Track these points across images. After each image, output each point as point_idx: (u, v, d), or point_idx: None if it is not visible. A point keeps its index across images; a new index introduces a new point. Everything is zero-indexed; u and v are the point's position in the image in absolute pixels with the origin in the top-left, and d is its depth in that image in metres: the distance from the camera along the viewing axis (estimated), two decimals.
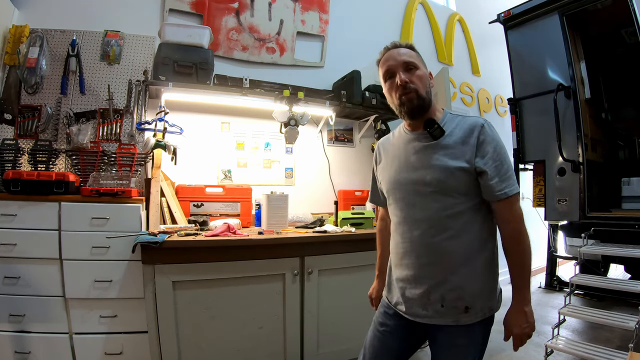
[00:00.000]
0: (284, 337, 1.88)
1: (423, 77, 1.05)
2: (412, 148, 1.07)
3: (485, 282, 1.03)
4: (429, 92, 1.06)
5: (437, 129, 1.02)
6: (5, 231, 1.68)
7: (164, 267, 1.64)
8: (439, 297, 1.00)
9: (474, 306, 1.00)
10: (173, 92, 2.17)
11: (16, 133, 2.05)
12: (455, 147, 1.00)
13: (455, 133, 1.02)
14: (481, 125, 1.01)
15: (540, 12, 3.03)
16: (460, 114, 1.09)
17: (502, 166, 0.98)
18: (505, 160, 1.00)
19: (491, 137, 1.01)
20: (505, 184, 0.98)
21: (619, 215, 2.69)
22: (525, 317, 1.01)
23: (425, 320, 1.02)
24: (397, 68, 1.04)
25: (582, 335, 2.65)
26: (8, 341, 1.69)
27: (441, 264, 1.00)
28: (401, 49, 1.07)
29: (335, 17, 3.00)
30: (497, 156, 0.99)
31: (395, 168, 1.10)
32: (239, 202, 2.34)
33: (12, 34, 2.06)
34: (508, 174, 0.98)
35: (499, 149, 1.00)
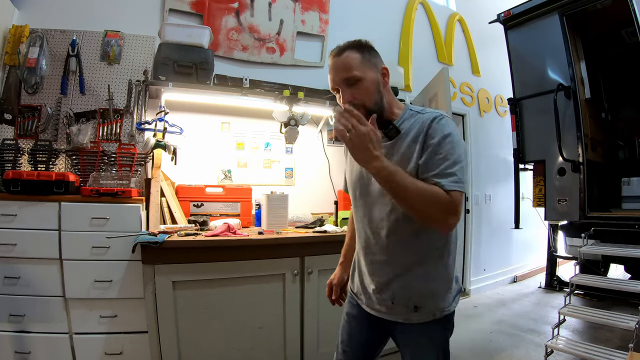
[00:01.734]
0: (284, 337, 1.88)
1: (369, 88, 0.97)
2: None
3: (438, 284, 0.99)
4: (379, 98, 0.99)
5: (392, 130, 0.97)
6: (5, 231, 1.68)
7: (164, 267, 1.64)
8: (390, 294, 1.01)
9: (424, 306, 0.98)
10: (173, 92, 2.17)
11: (16, 133, 2.05)
12: (410, 147, 0.95)
13: (410, 131, 0.97)
14: (432, 118, 0.95)
15: (540, 12, 3.03)
16: (420, 110, 1.01)
17: (446, 161, 0.88)
18: (451, 155, 0.89)
19: (440, 130, 0.92)
20: (445, 178, 0.87)
21: (619, 215, 2.69)
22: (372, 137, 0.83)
23: (380, 315, 1.05)
24: (338, 85, 0.98)
25: (582, 335, 2.65)
26: (8, 341, 1.69)
27: (393, 263, 1.00)
28: (342, 58, 0.97)
29: (335, 17, 3.00)
30: (441, 149, 0.90)
31: (355, 165, 1.06)
32: (239, 202, 2.34)
33: (12, 34, 2.06)
34: (451, 171, 0.87)
35: (447, 143, 0.90)
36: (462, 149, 0.93)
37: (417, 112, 1.01)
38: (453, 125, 0.95)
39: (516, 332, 2.78)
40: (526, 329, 2.84)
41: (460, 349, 2.47)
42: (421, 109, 1.03)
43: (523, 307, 3.39)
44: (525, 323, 2.96)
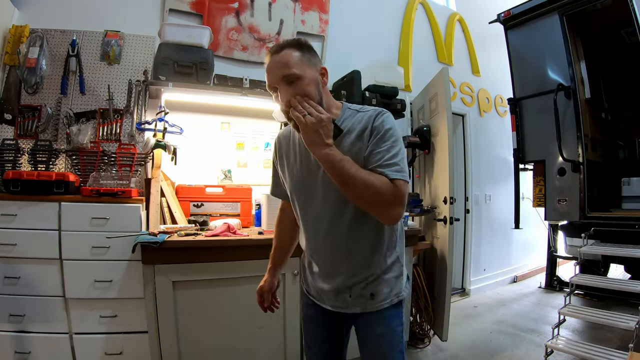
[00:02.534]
0: (284, 337, 1.88)
1: (309, 87, 0.96)
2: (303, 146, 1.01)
3: (390, 271, 1.03)
4: (319, 98, 0.98)
5: (335, 129, 0.95)
6: (5, 231, 1.68)
7: (164, 267, 1.64)
8: (347, 289, 1.03)
9: (379, 293, 1.02)
10: (173, 92, 2.17)
11: (16, 133, 2.05)
12: (354, 144, 0.96)
13: (354, 129, 0.98)
14: (376, 114, 0.98)
15: (540, 12, 3.03)
16: (359, 109, 1.03)
17: (388, 152, 0.92)
18: (393, 148, 0.93)
19: (382, 124, 0.96)
20: (388, 168, 0.91)
21: (619, 215, 2.69)
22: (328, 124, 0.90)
23: (339, 310, 1.06)
24: (277, 84, 0.96)
25: (582, 335, 2.65)
26: (8, 341, 1.69)
27: (346, 259, 1.02)
28: (281, 55, 0.96)
29: (335, 17, 3.00)
30: (384, 142, 0.94)
31: (298, 167, 1.07)
32: (239, 202, 2.34)
33: (12, 34, 2.06)
34: (394, 161, 0.92)
35: (389, 137, 0.95)
36: (402, 144, 0.98)
37: (356, 110, 1.03)
38: (394, 121, 1.00)
39: (516, 332, 2.78)
40: (526, 329, 2.84)
41: (460, 349, 2.47)
42: (359, 107, 1.05)
43: (523, 307, 3.39)
44: (525, 323, 2.96)
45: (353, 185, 0.87)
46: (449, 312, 2.36)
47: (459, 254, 3.77)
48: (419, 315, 2.57)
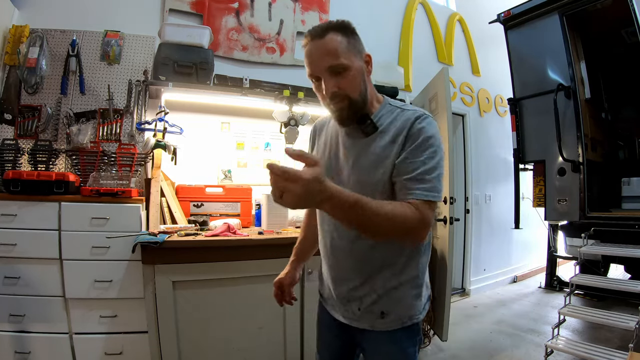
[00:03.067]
0: (284, 337, 1.88)
1: (355, 78, 0.87)
2: (342, 142, 0.95)
3: (406, 289, 0.92)
4: (364, 89, 0.90)
5: (369, 125, 0.89)
6: (5, 231, 1.68)
7: (164, 267, 1.64)
8: (356, 301, 0.94)
9: (390, 313, 0.92)
10: (173, 92, 2.17)
11: (16, 133, 2.05)
12: (386, 148, 0.87)
13: (389, 130, 0.89)
14: (416, 117, 0.86)
15: (540, 12, 3.03)
16: (401, 106, 0.93)
17: (424, 165, 0.81)
18: (430, 160, 0.82)
19: (423, 130, 0.84)
20: (420, 185, 0.80)
21: (619, 215, 2.69)
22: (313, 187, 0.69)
23: (346, 322, 0.98)
24: (320, 73, 0.86)
25: (582, 335, 2.65)
26: (8, 341, 1.69)
27: (360, 268, 0.93)
28: (325, 41, 0.85)
29: (335, 17, 2.96)
30: (421, 152, 0.83)
31: (324, 161, 0.99)
32: (239, 202, 2.34)
33: (12, 34, 2.06)
34: (428, 177, 0.81)
35: (428, 146, 0.83)
36: (442, 155, 0.85)
37: (397, 107, 0.93)
38: (436, 127, 0.88)
39: (516, 332, 2.78)
40: (526, 329, 2.84)
41: (460, 349, 2.47)
42: (401, 104, 0.95)
43: (523, 307, 3.39)
44: (525, 323, 2.96)
45: (369, 228, 0.74)
46: (449, 312, 2.36)
47: (459, 254, 3.76)
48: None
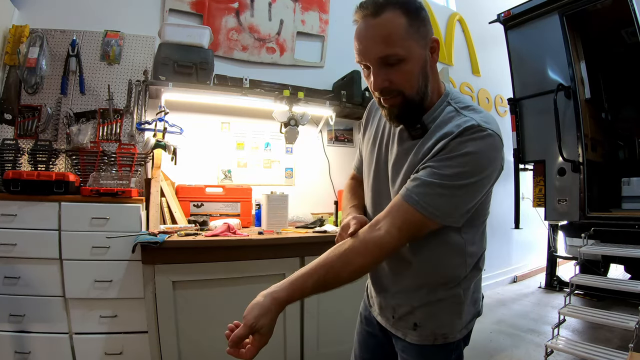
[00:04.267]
0: (284, 337, 1.88)
1: (412, 71, 0.72)
2: (393, 139, 0.85)
3: (444, 305, 0.84)
4: (424, 84, 0.74)
5: (418, 130, 0.77)
6: (5, 231, 1.68)
7: (164, 267, 1.64)
8: (392, 306, 0.90)
9: (424, 326, 0.84)
10: (173, 92, 2.17)
11: (16, 133, 2.05)
12: (424, 157, 0.75)
13: (433, 135, 0.74)
14: (465, 128, 0.69)
15: (540, 12, 3.03)
16: (461, 107, 0.76)
17: (440, 180, 0.69)
18: (450, 178, 0.68)
19: (460, 147, 0.69)
20: (420, 190, 0.70)
21: (619, 215, 2.69)
22: (258, 310, 0.69)
23: (384, 325, 0.94)
24: (370, 62, 0.73)
25: (582, 335, 2.65)
26: (8, 341, 1.69)
27: (398, 273, 0.87)
28: (380, 21, 0.69)
29: (335, 17, 3.00)
30: (443, 164, 0.69)
31: (375, 153, 0.89)
32: (239, 202, 2.34)
33: (12, 34, 2.06)
34: (434, 192, 0.69)
35: (459, 164, 0.68)
36: (475, 185, 0.70)
37: (456, 108, 0.76)
38: (491, 147, 0.70)
39: (516, 332, 2.78)
40: (526, 329, 2.84)
41: None
42: (464, 103, 0.77)
43: (523, 307, 3.39)
44: (525, 323, 2.96)
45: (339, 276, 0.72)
46: None
47: None
48: None
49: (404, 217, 0.71)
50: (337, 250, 0.73)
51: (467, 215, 0.74)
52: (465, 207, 0.72)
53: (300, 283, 0.71)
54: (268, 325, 0.68)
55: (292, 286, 0.71)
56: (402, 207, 0.71)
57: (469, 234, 0.81)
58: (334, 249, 0.74)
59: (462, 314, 0.85)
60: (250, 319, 0.67)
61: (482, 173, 0.70)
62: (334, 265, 0.72)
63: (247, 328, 0.67)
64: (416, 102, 0.75)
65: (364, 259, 0.72)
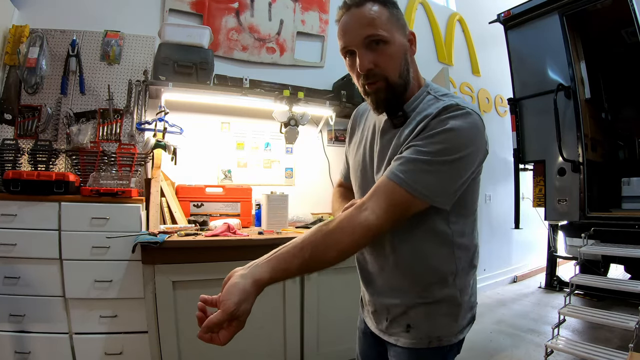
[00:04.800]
0: (284, 337, 1.88)
1: (395, 55, 0.76)
2: (376, 135, 0.86)
3: (440, 308, 0.81)
4: (405, 71, 0.78)
5: (400, 117, 0.78)
6: (5, 231, 1.68)
7: (164, 267, 1.64)
8: (386, 306, 0.86)
9: (418, 328, 0.81)
10: (173, 92, 2.17)
11: (16, 133, 2.05)
12: (406, 139, 0.75)
13: (415, 120, 0.76)
14: (444, 107, 0.72)
15: (540, 12, 3.03)
16: (440, 95, 0.79)
17: (418, 153, 0.69)
18: (433, 155, 0.69)
19: (442, 123, 0.70)
20: (404, 167, 0.69)
21: (619, 215, 2.69)
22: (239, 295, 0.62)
23: (377, 333, 0.90)
24: (355, 45, 0.76)
25: (582, 335, 2.65)
26: (8, 341, 1.69)
27: (382, 273, 0.85)
28: (363, 10, 0.75)
29: (335, 17, 3.00)
30: (425, 141, 0.70)
31: (361, 153, 0.90)
32: (239, 202, 2.34)
33: (12, 34, 2.06)
34: (419, 169, 0.68)
35: (440, 140, 0.69)
36: (460, 162, 0.70)
37: (435, 96, 0.79)
38: (471, 125, 0.71)
39: (516, 332, 2.78)
40: (526, 329, 2.84)
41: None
42: (443, 92, 0.80)
43: (523, 307, 3.39)
44: (525, 323, 2.96)
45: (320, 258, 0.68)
46: None
47: None
48: None
49: (390, 197, 0.69)
50: (322, 229, 0.69)
51: (454, 196, 0.73)
52: (452, 186, 0.71)
53: (284, 265, 0.67)
54: (248, 312, 0.63)
55: (275, 267, 0.67)
56: (388, 186, 0.70)
57: (458, 225, 0.80)
58: (319, 227, 0.70)
59: (458, 317, 0.83)
60: (230, 305, 0.60)
61: (465, 149, 0.70)
62: (320, 246, 0.68)
63: (227, 315, 0.61)
64: (400, 87, 0.77)
65: (350, 240, 0.68)
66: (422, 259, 0.80)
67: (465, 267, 0.83)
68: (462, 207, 0.79)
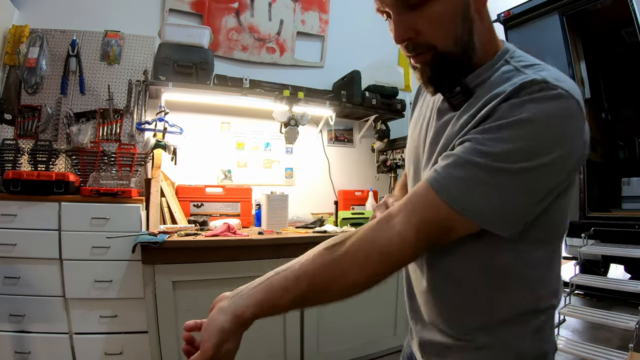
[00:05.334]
0: (284, 337, 1.88)
1: (445, 14, 0.52)
2: (432, 117, 0.63)
3: (471, 341, 0.57)
4: (465, 32, 0.53)
5: (457, 96, 0.55)
6: (5, 231, 1.68)
7: (164, 267, 1.64)
8: (418, 339, 0.66)
9: None
10: (173, 92, 2.17)
11: (16, 133, 2.05)
12: (463, 128, 0.53)
13: (480, 100, 0.52)
14: (521, 86, 0.47)
15: (540, 12, 3.03)
16: (522, 65, 0.53)
17: (481, 160, 0.46)
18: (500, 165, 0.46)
19: (514, 109, 0.46)
20: (451, 172, 0.48)
21: (619, 215, 2.69)
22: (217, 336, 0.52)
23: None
24: (389, 6, 0.55)
25: (582, 335, 2.65)
26: (8, 341, 1.69)
27: (413, 295, 0.65)
28: None
29: (335, 17, 3.00)
30: (491, 143, 0.46)
31: (415, 138, 0.68)
32: (239, 202, 2.34)
33: (12, 34, 2.06)
34: (472, 177, 0.47)
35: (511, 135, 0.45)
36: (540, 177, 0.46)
37: (516, 68, 0.53)
38: (558, 113, 0.45)
39: None
40: None
41: None
42: (529, 62, 0.53)
43: None
44: None
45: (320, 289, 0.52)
46: None
47: None
48: None
49: (425, 211, 0.49)
50: (329, 252, 0.52)
51: (522, 221, 0.49)
52: (521, 207, 0.48)
53: (272, 298, 0.52)
54: (233, 352, 0.53)
55: (262, 301, 0.53)
56: (425, 196, 0.49)
57: (528, 254, 0.54)
58: (325, 249, 0.53)
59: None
60: (208, 349, 0.50)
61: (548, 153, 0.45)
62: (320, 276, 0.51)
63: (209, 358, 0.51)
64: (456, 57, 0.54)
65: (361, 272, 0.50)
66: (464, 292, 0.57)
67: (529, 308, 0.56)
68: (541, 230, 0.53)
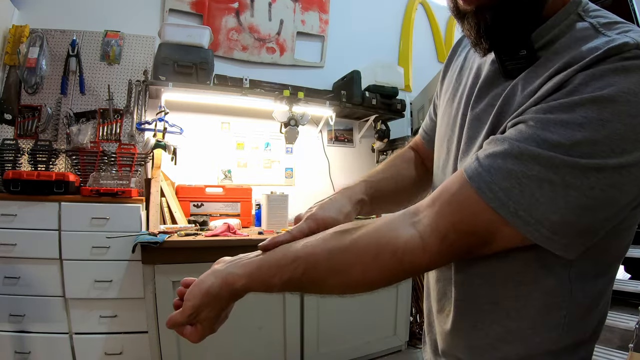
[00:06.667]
0: (284, 337, 1.88)
1: None
2: (479, 80, 0.50)
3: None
4: None
5: (520, 59, 0.43)
6: (5, 231, 1.68)
7: (164, 267, 1.64)
8: (434, 350, 0.58)
9: None
10: (173, 92, 2.17)
11: (16, 133, 2.05)
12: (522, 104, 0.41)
13: (548, 65, 0.41)
14: (604, 51, 0.36)
15: None
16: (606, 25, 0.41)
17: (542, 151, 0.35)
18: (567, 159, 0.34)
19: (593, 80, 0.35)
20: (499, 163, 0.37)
21: None
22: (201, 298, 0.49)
23: None
24: None
25: None
26: (8, 341, 1.69)
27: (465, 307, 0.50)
28: None
29: (335, 17, 3.00)
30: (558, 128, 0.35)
31: (453, 110, 0.55)
32: (239, 202, 2.34)
33: (12, 34, 2.06)
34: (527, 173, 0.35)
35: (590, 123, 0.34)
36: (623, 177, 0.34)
37: (593, 27, 0.41)
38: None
39: None
40: None
41: None
42: (608, 19, 0.42)
43: None
44: None
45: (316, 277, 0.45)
46: None
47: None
48: (419, 315, 2.57)
49: (457, 216, 0.39)
50: (335, 240, 0.44)
51: (590, 236, 0.38)
52: (593, 220, 0.36)
53: (266, 275, 0.46)
54: (212, 319, 0.49)
55: (254, 275, 0.48)
56: (460, 194, 0.39)
57: (584, 279, 0.44)
58: (334, 233, 0.45)
59: None
60: (187, 308, 0.49)
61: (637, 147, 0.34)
62: (319, 265, 0.44)
63: (185, 318, 0.49)
64: (514, 6, 0.41)
65: (366, 272, 0.42)
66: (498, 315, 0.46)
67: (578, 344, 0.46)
68: (603, 250, 0.43)
